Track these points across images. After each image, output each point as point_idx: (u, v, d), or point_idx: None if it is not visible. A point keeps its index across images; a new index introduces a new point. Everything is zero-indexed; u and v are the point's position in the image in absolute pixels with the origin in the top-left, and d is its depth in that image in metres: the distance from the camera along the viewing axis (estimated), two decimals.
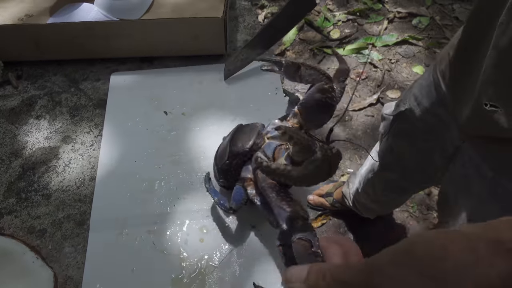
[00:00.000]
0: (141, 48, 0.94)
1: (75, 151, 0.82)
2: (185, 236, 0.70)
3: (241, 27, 1.02)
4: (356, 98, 2.09)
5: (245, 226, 0.70)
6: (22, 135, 0.84)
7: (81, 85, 0.92)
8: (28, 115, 0.87)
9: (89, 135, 0.84)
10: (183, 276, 0.66)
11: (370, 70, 2.20)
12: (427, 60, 2.23)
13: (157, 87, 0.91)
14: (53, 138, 0.84)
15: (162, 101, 0.88)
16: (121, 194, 0.75)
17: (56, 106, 0.89)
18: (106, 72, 0.94)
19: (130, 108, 0.87)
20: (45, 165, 0.80)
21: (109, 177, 0.77)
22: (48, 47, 0.92)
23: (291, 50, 2.28)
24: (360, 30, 2.39)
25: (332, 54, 2.27)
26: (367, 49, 2.29)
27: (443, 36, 2.33)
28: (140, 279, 0.65)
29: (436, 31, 2.37)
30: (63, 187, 0.77)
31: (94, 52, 0.94)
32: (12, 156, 0.81)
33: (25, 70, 0.95)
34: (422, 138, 0.94)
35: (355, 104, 2.07)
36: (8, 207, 0.75)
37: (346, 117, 2.03)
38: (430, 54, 2.26)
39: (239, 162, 0.65)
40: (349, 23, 2.43)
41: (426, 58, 2.24)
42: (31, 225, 0.72)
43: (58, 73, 0.95)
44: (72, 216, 0.73)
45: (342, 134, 1.97)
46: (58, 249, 0.70)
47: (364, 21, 2.43)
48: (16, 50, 0.93)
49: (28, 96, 0.91)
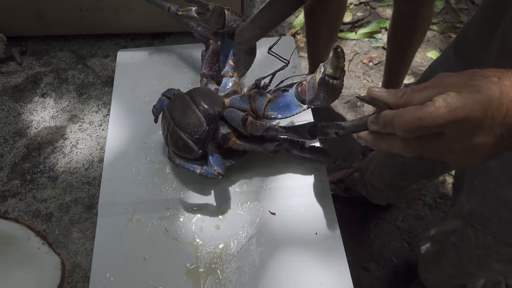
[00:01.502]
0: (152, 23, 0.89)
1: (82, 131, 0.77)
2: (200, 222, 0.65)
3: (258, 2, 0.96)
4: (368, 83, 2.04)
5: (264, 213, 0.65)
6: (27, 114, 0.80)
7: (89, 62, 0.87)
8: (33, 93, 0.83)
9: (97, 114, 0.79)
10: (199, 266, 0.61)
11: (383, 55, 2.13)
12: (441, 45, 2.16)
13: (167, 64, 0.85)
14: (60, 117, 0.79)
15: (172, 80, 0.83)
16: (131, 178, 0.70)
17: (62, 84, 0.84)
18: (115, 48, 0.89)
19: (138, 87, 0.82)
20: (51, 145, 0.75)
21: (118, 160, 0.72)
22: (53, 21, 0.87)
23: (301, 33, 2.22)
24: (373, 14, 2.32)
25: (344, 38, 2.21)
26: (380, 33, 2.22)
27: (459, 20, 2.26)
28: (152, 268, 0.61)
29: (451, 15, 2.30)
30: (71, 169, 0.72)
31: (102, 27, 0.89)
32: (16, 135, 0.77)
33: (29, 46, 0.90)
34: None
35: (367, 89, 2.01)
36: (12, 190, 0.70)
37: (358, 103, 1.98)
38: (445, 38, 2.19)
39: (216, 125, 0.65)
40: (361, 6, 2.36)
41: (441, 42, 2.18)
42: (36, 209, 0.68)
43: (64, 49, 0.90)
44: (80, 200, 0.69)
45: None
46: (66, 235, 0.66)
47: (377, 4, 2.36)
48: (19, 23, 0.88)
49: (33, 73, 0.86)
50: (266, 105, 0.63)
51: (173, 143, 0.65)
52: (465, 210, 0.94)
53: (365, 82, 2.04)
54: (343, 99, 1.99)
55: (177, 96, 0.67)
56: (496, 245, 0.89)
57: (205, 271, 0.61)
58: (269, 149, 0.65)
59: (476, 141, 0.42)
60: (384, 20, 2.26)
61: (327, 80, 0.50)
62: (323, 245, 0.62)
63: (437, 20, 2.24)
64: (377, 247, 1.56)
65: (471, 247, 0.95)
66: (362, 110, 1.95)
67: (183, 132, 0.63)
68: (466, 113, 0.40)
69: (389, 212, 1.65)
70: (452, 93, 0.42)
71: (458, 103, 0.41)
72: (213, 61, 0.73)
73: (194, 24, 0.74)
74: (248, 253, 0.62)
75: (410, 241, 1.57)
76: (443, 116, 0.41)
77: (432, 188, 1.69)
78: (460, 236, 0.98)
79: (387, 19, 2.26)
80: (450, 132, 0.42)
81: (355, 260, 1.52)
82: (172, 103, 0.67)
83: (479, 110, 0.40)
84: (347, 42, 2.20)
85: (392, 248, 1.56)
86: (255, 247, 0.62)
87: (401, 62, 1.66)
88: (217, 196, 0.68)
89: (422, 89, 0.45)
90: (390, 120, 0.45)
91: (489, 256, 0.94)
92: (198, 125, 0.63)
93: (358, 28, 2.25)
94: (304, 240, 0.63)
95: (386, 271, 1.51)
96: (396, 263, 1.53)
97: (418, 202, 1.67)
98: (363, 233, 1.59)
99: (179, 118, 0.64)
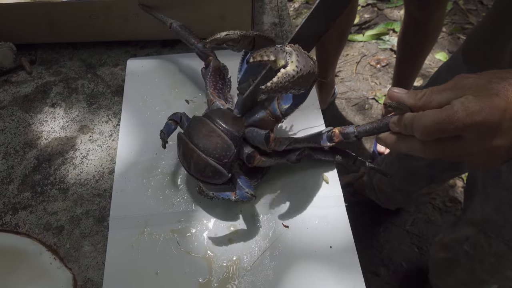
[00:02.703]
0: (162, 30, 0.87)
1: (93, 142, 0.77)
2: (212, 235, 0.65)
3: (268, 8, 0.95)
4: (376, 86, 2.02)
5: (277, 226, 0.65)
6: (37, 124, 0.79)
7: (98, 71, 0.87)
8: (43, 103, 0.82)
9: (107, 125, 0.79)
10: (211, 280, 0.61)
11: (391, 57, 2.12)
12: (450, 46, 2.15)
13: (177, 73, 0.85)
14: (70, 128, 0.78)
15: (183, 88, 0.83)
16: (142, 189, 0.70)
17: (72, 93, 0.83)
18: (124, 56, 0.88)
19: (148, 97, 0.81)
20: (61, 156, 0.75)
21: (129, 171, 0.72)
22: (62, 29, 0.87)
23: None
24: (380, 15, 2.30)
25: (351, 40, 2.19)
26: (387, 35, 2.20)
27: (467, 21, 2.24)
28: (165, 283, 0.61)
29: (460, 16, 2.28)
30: (81, 181, 0.72)
31: (112, 35, 0.88)
32: (26, 146, 0.76)
33: (39, 54, 0.90)
34: None
35: (375, 91, 2.00)
36: (23, 202, 0.70)
37: (366, 106, 1.96)
38: (454, 40, 2.17)
39: (240, 146, 0.64)
40: (368, 7, 2.35)
41: (449, 44, 2.16)
42: (47, 222, 0.68)
43: (74, 57, 0.89)
44: (91, 212, 0.69)
45: (362, 123, 1.91)
46: (77, 248, 0.65)
47: (385, 5, 2.34)
48: (29, 32, 0.87)
49: (43, 82, 0.85)
50: (278, 103, 0.62)
51: (199, 171, 0.62)
52: (477, 217, 0.93)
53: (373, 84, 2.03)
54: (351, 102, 1.98)
55: (196, 120, 0.65)
56: (510, 253, 0.88)
57: (219, 286, 0.60)
58: (292, 160, 0.64)
59: (494, 144, 0.43)
60: (391, 21, 2.24)
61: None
62: (338, 259, 0.61)
63: (445, 21, 2.22)
64: (386, 251, 1.55)
65: (483, 254, 0.94)
66: (370, 112, 1.94)
67: (210, 158, 0.61)
68: (484, 117, 0.41)
69: (399, 216, 1.63)
70: (470, 97, 0.42)
71: (476, 107, 0.41)
72: (216, 79, 0.71)
73: (194, 41, 0.73)
74: (262, 267, 0.61)
75: (420, 245, 1.56)
76: (461, 120, 0.41)
77: (442, 191, 1.68)
78: (473, 243, 0.97)
79: (394, 21, 2.24)
80: (469, 135, 0.43)
81: (365, 265, 1.49)
82: (191, 128, 0.64)
83: (497, 113, 0.41)
84: (355, 44, 2.19)
85: (402, 253, 1.55)
86: (269, 261, 0.62)
87: (411, 66, 1.65)
88: (229, 208, 0.67)
89: (442, 91, 0.45)
90: (410, 122, 0.46)
91: (502, 264, 0.93)
92: (227, 148, 0.61)
93: (365, 30, 2.24)
94: (319, 254, 0.62)
95: (396, 276, 1.50)
96: (406, 268, 1.52)
97: (427, 206, 1.65)
98: (372, 237, 1.58)
99: (205, 144, 0.61)
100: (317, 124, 0.76)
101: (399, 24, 2.18)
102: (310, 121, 0.76)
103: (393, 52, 2.12)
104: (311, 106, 0.78)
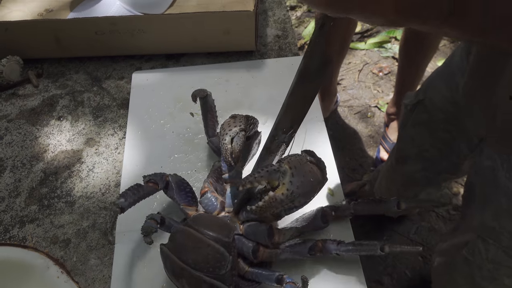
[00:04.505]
0: (166, 45, 0.89)
1: (99, 155, 0.77)
2: None
3: (271, 21, 0.96)
4: (378, 94, 2.03)
5: None
6: (43, 137, 0.80)
7: (104, 84, 0.88)
8: (49, 116, 0.83)
9: (113, 138, 0.80)
10: None
11: (393, 65, 2.13)
12: None
13: (182, 86, 0.86)
14: (76, 141, 0.79)
15: (187, 101, 0.83)
16: (148, 203, 0.70)
17: (78, 106, 0.84)
18: (130, 70, 0.89)
19: (153, 110, 0.82)
20: (68, 169, 0.76)
21: None
22: (69, 44, 0.88)
23: None
24: None
25: (353, 48, 2.20)
26: (389, 43, 2.21)
27: None
28: None
29: None
30: (87, 194, 0.73)
31: (117, 49, 0.90)
32: (33, 160, 0.77)
33: (45, 68, 0.91)
34: (442, 128, 0.94)
35: (378, 99, 2.01)
36: (30, 215, 0.71)
37: (368, 114, 1.97)
38: (455, 47, 2.18)
39: (235, 250, 0.57)
40: None
41: (451, 51, 2.17)
42: (54, 235, 0.68)
43: (80, 71, 0.90)
44: (97, 225, 0.69)
45: (365, 131, 1.91)
46: (83, 261, 0.66)
47: None
48: (36, 47, 0.89)
49: (49, 95, 0.86)
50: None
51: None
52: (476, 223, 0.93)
53: (375, 92, 2.03)
54: (354, 110, 1.98)
55: (178, 232, 0.56)
56: (507, 260, 0.88)
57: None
58: (304, 253, 0.58)
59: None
60: (393, 29, 2.25)
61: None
62: (342, 268, 0.62)
63: None
64: (390, 260, 1.55)
65: (482, 261, 0.94)
66: (373, 120, 1.95)
67: (204, 274, 0.52)
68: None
69: (402, 224, 1.63)
70: None
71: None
72: (220, 176, 0.67)
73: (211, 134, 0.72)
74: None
75: (424, 254, 1.56)
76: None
77: (445, 199, 1.68)
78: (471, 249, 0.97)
79: (396, 29, 2.25)
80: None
81: (369, 274, 1.51)
82: (175, 243, 0.56)
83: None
84: (357, 52, 2.20)
85: (406, 261, 1.55)
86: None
87: (413, 74, 1.66)
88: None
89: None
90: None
91: (500, 271, 0.93)
92: (220, 258, 0.53)
93: (367, 38, 2.25)
94: (322, 262, 0.62)
95: (399, 285, 1.50)
96: (410, 277, 1.52)
97: (431, 214, 1.65)
98: None
99: (194, 258, 0.53)
100: (321, 137, 0.76)
101: (401, 32, 2.19)
102: (314, 133, 0.77)
103: (395, 60, 2.13)
104: (314, 118, 0.78)
